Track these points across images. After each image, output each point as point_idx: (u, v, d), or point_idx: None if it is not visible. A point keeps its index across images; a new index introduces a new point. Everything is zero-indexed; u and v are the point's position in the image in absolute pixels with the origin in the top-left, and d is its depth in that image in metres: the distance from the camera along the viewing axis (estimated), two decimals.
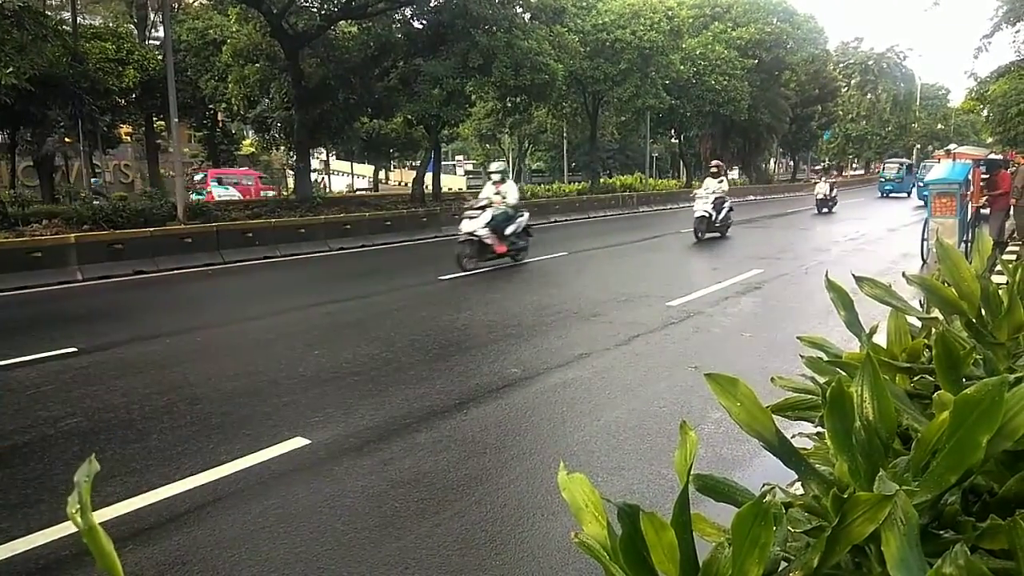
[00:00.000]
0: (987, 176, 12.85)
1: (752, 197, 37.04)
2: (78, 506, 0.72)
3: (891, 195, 37.77)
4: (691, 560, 0.94)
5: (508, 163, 48.66)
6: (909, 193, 37.41)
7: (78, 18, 20.72)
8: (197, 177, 28.32)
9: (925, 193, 30.51)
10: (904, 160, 42.54)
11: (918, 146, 57.09)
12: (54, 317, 9.14)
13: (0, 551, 3.37)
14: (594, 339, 7.38)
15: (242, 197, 24.46)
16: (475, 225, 12.08)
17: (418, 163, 29.72)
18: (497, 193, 12.54)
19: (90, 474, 0.76)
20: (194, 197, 21.93)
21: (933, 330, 1.52)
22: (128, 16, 26.29)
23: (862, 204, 32.79)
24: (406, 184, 40.75)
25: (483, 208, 12.18)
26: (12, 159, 21.83)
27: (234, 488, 4.02)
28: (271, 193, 26.87)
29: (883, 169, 42.90)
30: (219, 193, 25.13)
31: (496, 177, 12.91)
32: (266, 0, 18.59)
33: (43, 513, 3.72)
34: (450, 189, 37.37)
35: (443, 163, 36.21)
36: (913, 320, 1.63)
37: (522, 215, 12.95)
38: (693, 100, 34.28)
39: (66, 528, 3.50)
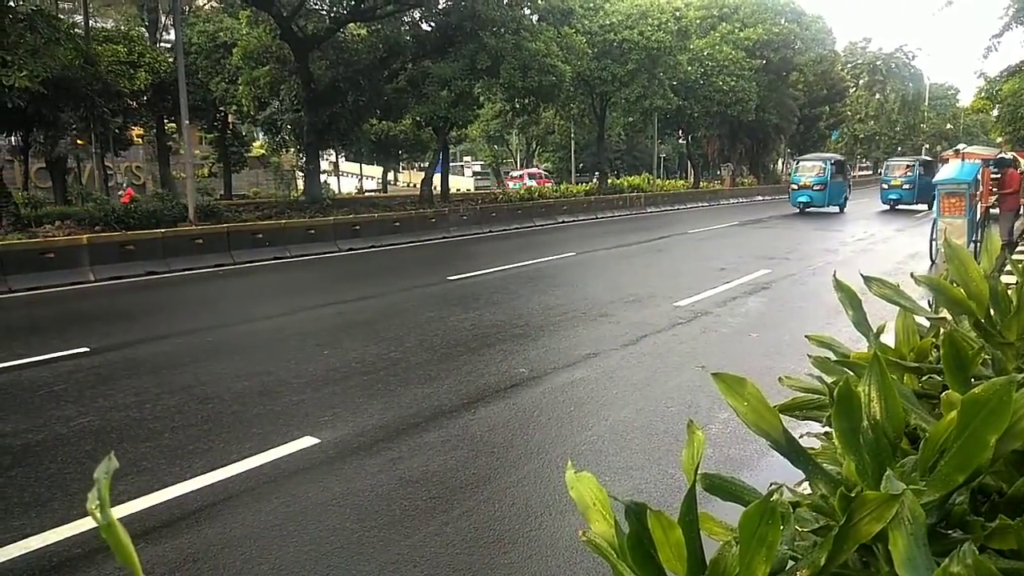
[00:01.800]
0: (997, 176, 12.76)
1: (760, 197, 36.93)
2: (98, 502, 0.74)
3: (898, 206, 27.39)
4: (698, 558, 0.95)
5: (516, 164, 48.80)
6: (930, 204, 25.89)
7: (90, 21, 20.89)
8: (516, 174, 43.98)
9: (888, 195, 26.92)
10: (918, 158, 30.74)
11: (927, 146, 56.65)
12: (66, 317, 9.23)
13: (14, 549, 3.41)
14: (602, 339, 7.38)
15: (538, 184, 34.56)
16: None
17: (426, 164, 29.77)
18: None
19: (109, 471, 0.77)
20: (512, 187, 35.52)
21: (941, 330, 1.51)
22: (139, 19, 26.47)
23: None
24: (415, 185, 40.85)
25: None
26: (25, 161, 22.03)
27: (244, 487, 4.05)
28: (549, 185, 34.68)
29: (799, 171, 26.79)
30: (530, 185, 34.64)
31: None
32: (276, 3, 18.69)
33: (56, 511, 3.75)
34: (458, 190, 37.46)
35: (451, 164, 36.30)
36: (921, 320, 1.63)
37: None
38: (701, 101, 34.19)
39: (79, 526, 3.54)
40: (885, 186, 28.28)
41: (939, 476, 0.97)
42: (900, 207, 27.22)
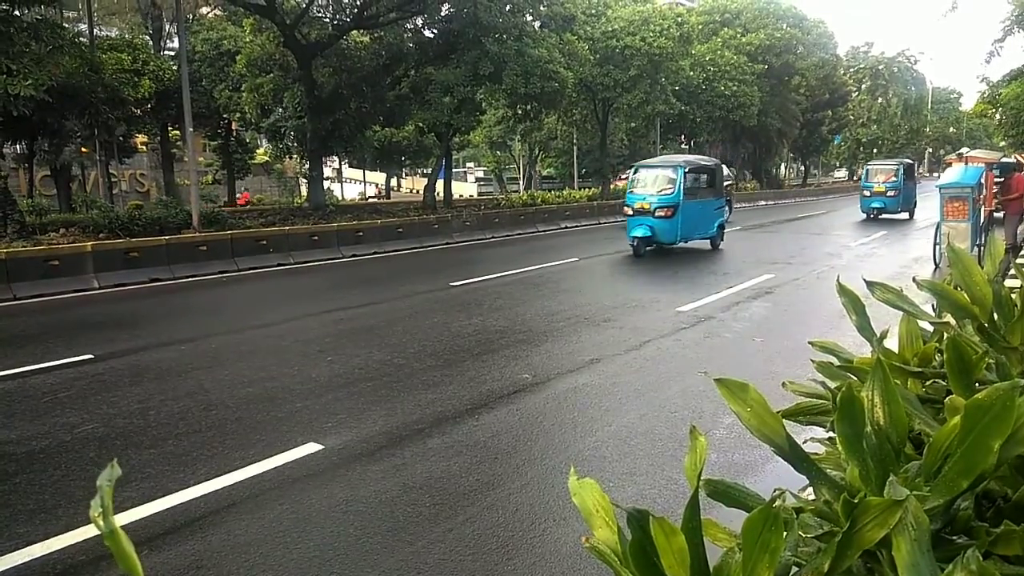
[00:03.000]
0: (1000, 180, 12.74)
1: (763, 202, 36.89)
2: (100, 509, 0.74)
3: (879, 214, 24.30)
4: (702, 565, 0.95)
5: (519, 169, 48.87)
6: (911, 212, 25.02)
7: (94, 30, 21.02)
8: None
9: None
10: (902, 161, 26.25)
11: (930, 150, 56.55)
12: (71, 324, 9.25)
13: (18, 556, 3.42)
14: (605, 345, 7.37)
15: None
16: None
17: (429, 170, 29.87)
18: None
19: (112, 478, 0.77)
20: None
21: (945, 335, 1.51)
22: (143, 27, 26.62)
23: None
24: (418, 191, 40.95)
25: None
26: (30, 169, 22.16)
27: (248, 493, 4.05)
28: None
29: (636, 185, 15.78)
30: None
31: None
32: (279, 11, 18.80)
33: (60, 518, 3.76)
34: (461, 196, 37.54)
35: (454, 170, 36.38)
36: (925, 325, 1.62)
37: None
38: (703, 106, 34.24)
39: (83, 533, 3.54)
40: (866, 193, 24.86)
41: (943, 481, 0.97)
42: (884, 216, 24.28)
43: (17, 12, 13.46)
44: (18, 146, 22.61)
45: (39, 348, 7.59)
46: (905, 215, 24.70)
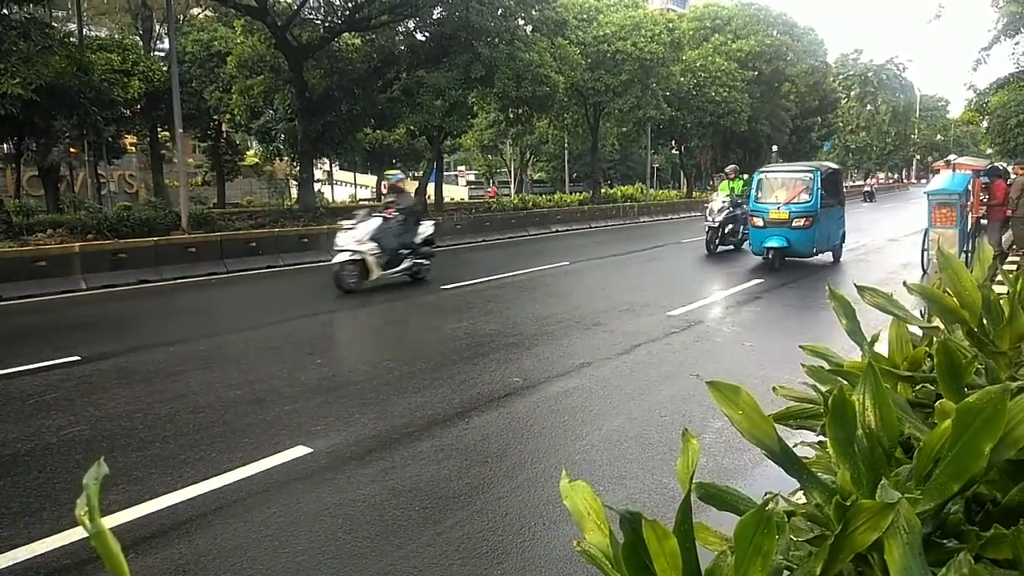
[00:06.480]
0: (987, 184, 12.88)
1: None
2: (87, 508, 0.73)
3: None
4: (694, 568, 0.94)
5: (510, 173, 48.94)
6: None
7: (84, 29, 20.87)
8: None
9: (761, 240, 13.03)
10: (818, 165, 14.81)
11: (917, 156, 57.14)
12: (58, 326, 9.16)
13: (1, 560, 3.37)
14: (595, 348, 7.37)
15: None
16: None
17: (420, 173, 29.84)
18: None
19: (99, 477, 0.76)
20: None
21: (935, 339, 1.52)
22: (134, 28, 26.48)
23: None
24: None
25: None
26: (18, 169, 21.97)
27: (236, 496, 4.01)
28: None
29: None
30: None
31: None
32: (271, 12, 18.74)
33: (45, 521, 3.71)
34: (452, 199, 37.54)
35: (445, 173, 36.39)
36: (914, 329, 1.63)
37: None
38: (693, 111, 34.43)
39: (68, 537, 3.50)
40: (759, 222, 13.83)
41: (934, 485, 0.97)
42: (788, 259, 13.76)
43: (6, 11, 13.36)
44: (5, 146, 22.42)
45: (25, 349, 7.50)
46: (828, 255, 14.66)
